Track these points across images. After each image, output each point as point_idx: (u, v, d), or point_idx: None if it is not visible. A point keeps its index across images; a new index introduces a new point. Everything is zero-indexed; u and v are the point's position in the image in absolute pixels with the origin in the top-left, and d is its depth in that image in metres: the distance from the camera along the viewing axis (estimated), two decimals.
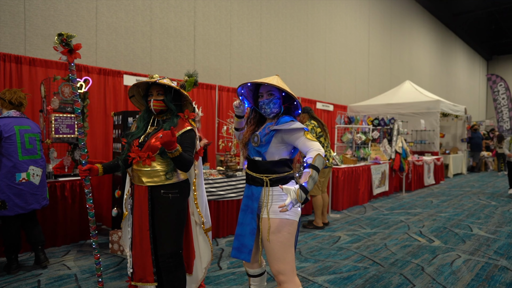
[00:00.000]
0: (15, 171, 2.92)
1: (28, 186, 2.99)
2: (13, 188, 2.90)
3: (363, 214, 5.56)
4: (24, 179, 2.96)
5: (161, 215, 2.03)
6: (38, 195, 3.07)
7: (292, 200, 1.67)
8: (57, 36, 1.83)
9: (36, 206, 3.06)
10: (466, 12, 17.00)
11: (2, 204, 2.83)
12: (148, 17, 6.32)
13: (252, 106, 2.16)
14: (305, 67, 9.74)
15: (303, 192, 1.70)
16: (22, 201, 2.94)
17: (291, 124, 1.91)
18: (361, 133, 6.75)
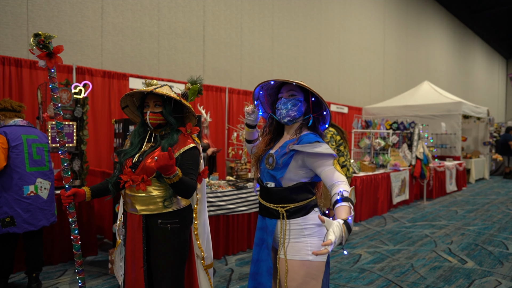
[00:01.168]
0: (23, 183, 2.64)
1: (37, 201, 2.72)
2: (21, 202, 2.62)
3: (384, 227, 5.17)
4: (32, 192, 2.69)
5: (158, 250, 1.71)
6: (47, 210, 2.79)
7: (336, 238, 1.20)
8: (33, 37, 1.53)
9: (45, 223, 2.78)
10: (485, 9, 16.34)
11: (11, 220, 2.56)
12: (155, 17, 6.05)
13: (269, 113, 1.81)
14: (318, 68, 9.36)
15: (347, 229, 1.27)
16: (31, 217, 2.66)
17: (317, 146, 1.54)
18: (380, 138, 6.35)
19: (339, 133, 4.13)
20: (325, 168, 1.52)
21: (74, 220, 1.75)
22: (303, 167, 1.60)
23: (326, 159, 1.54)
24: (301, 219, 1.60)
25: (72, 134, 3.39)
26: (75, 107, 3.46)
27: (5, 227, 2.56)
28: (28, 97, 4.34)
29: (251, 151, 1.91)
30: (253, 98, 1.81)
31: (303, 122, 1.69)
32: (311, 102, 1.68)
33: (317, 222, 1.61)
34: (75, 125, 3.41)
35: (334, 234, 1.20)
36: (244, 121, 1.89)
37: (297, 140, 1.61)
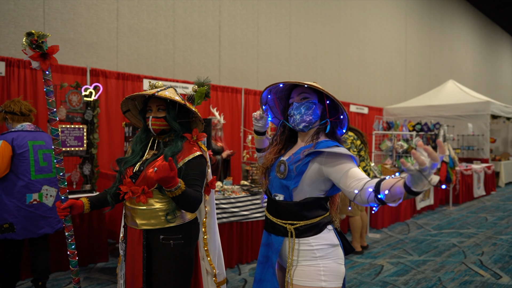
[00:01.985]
0: (26, 191, 2.58)
1: (39, 209, 2.65)
2: (22, 210, 2.56)
3: (407, 234, 4.89)
4: (35, 201, 2.62)
5: (160, 268, 1.55)
6: (51, 218, 2.72)
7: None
8: (25, 37, 1.41)
9: (48, 231, 2.70)
10: None
11: (10, 227, 2.51)
12: (171, 17, 5.97)
13: (280, 119, 1.63)
14: (337, 67, 9.10)
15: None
16: (32, 224, 2.60)
17: (336, 148, 1.36)
18: (403, 140, 6.05)
19: (359, 137, 3.91)
20: (348, 168, 1.32)
21: (71, 234, 1.63)
22: (320, 175, 1.40)
23: (348, 161, 1.34)
24: (312, 239, 1.41)
25: (82, 138, 3.31)
26: (86, 110, 3.39)
27: (2, 233, 2.51)
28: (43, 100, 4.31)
29: (261, 160, 1.74)
30: (261, 103, 1.63)
31: (320, 127, 1.50)
32: (327, 105, 1.49)
33: (330, 242, 1.43)
34: (85, 128, 3.33)
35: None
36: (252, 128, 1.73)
37: (313, 147, 1.43)
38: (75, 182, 3.32)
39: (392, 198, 1.09)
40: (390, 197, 1.10)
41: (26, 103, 2.75)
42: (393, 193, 1.08)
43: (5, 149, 2.48)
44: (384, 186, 1.12)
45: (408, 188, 1.01)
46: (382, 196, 1.12)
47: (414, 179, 0.97)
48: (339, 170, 1.34)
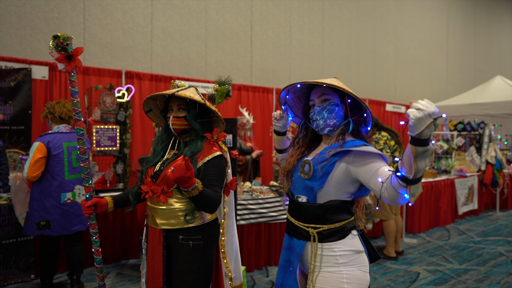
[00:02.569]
0: (61, 190, 2.73)
1: (73, 207, 2.78)
2: (58, 208, 2.71)
3: (447, 241, 4.61)
4: (69, 199, 2.76)
5: (179, 268, 1.55)
6: (83, 215, 2.84)
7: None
8: (52, 39, 1.45)
9: (81, 228, 2.83)
10: None
11: (46, 224, 2.66)
12: (203, 19, 6.06)
13: (302, 119, 1.56)
14: (373, 65, 8.80)
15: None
16: (66, 221, 2.74)
17: (364, 147, 1.29)
18: (442, 140, 5.72)
19: (393, 137, 3.73)
20: (379, 167, 1.24)
21: (95, 231, 1.66)
22: (347, 177, 1.33)
23: (377, 160, 1.27)
24: (336, 244, 1.34)
25: (115, 138, 3.42)
26: (119, 110, 3.49)
27: (39, 229, 2.65)
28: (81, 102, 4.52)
29: (283, 162, 1.68)
30: (280, 103, 1.58)
31: (344, 128, 1.42)
32: (348, 104, 1.41)
33: (355, 248, 1.35)
34: (118, 128, 3.44)
35: None
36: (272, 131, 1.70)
37: (340, 146, 1.36)
38: (108, 181, 3.44)
39: (407, 164, 1.05)
40: (407, 165, 1.06)
41: (69, 109, 2.85)
42: (405, 159, 1.06)
43: (40, 150, 2.62)
44: (399, 163, 1.11)
45: (412, 139, 1.00)
46: (401, 173, 1.09)
47: (413, 122, 0.97)
48: (369, 170, 1.26)
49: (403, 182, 1.08)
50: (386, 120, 8.24)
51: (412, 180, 1.06)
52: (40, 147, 2.63)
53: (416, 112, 0.96)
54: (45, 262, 2.78)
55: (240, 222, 3.28)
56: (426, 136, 0.98)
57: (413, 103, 0.98)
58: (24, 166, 2.63)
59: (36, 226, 2.66)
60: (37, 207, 2.68)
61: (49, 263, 2.79)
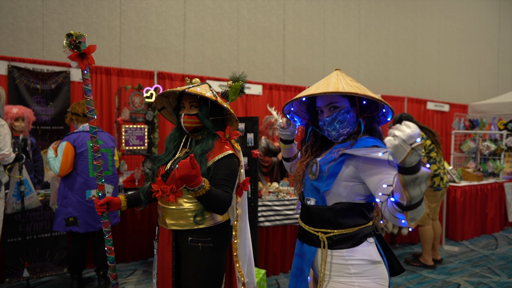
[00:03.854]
0: (86, 188, 2.83)
1: None
2: (83, 205, 2.81)
3: (494, 250, 4.23)
4: (94, 197, 2.85)
5: (188, 271, 1.51)
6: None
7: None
8: (65, 38, 1.47)
9: None
10: None
11: (74, 220, 2.77)
12: (235, 19, 6.06)
13: (310, 126, 1.42)
14: (413, 62, 8.35)
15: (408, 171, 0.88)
16: (92, 218, 2.84)
17: (374, 150, 1.14)
18: (489, 140, 5.27)
19: (430, 136, 3.48)
20: (383, 179, 1.09)
21: (108, 230, 1.66)
22: (357, 180, 1.21)
23: (386, 168, 1.12)
24: (347, 252, 1.23)
25: (143, 137, 3.48)
26: (147, 110, 3.56)
27: (68, 226, 2.74)
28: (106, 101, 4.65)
29: (290, 170, 1.56)
30: (284, 114, 1.46)
31: (357, 129, 1.31)
32: (359, 104, 1.30)
33: (369, 257, 1.22)
34: (146, 128, 3.50)
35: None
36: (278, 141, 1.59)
37: (351, 145, 1.24)
38: (137, 179, 3.51)
39: (399, 192, 0.92)
40: (399, 193, 0.93)
41: None
42: (396, 185, 0.93)
43: (68, 149, 2.72)
44: (394, 187, 0.98)
45: (397, 167, 0.89)
46: (395, 199, 0.96)
47: (392, 150, 0.85)
48: (374, 181, 1.14)
49: (399, 208, 0.96)
50: (427, 119, 7.78)
51: (408, 207, 0.94)
52: (68, 146, 2.74)
53: (392, 140, 0.85)
54: (74, 257, 2.89)
55: (265, 223, 3.21)
56: (410, 164, 0.86)
57: (390, 130, 0.87)
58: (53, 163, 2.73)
59: (65, 222, 2.77)
60: (66, 203, 2.79)
61: (77, 258, 2.89)
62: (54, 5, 4.61)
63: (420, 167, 0.88)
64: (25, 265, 2.86)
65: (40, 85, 4.01)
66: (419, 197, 0.91)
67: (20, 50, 4.35)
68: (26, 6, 4.45)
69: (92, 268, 3.42)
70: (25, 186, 2.83)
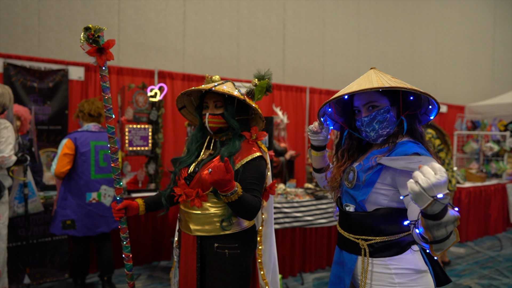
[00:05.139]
0: (86, 190, 2.71)
1: (98, 208, 2.75)
2: (82, 207, 2.70)
3: (499, 251, 4.22)
4: (94, 199, 2.73)
5: (214, 279, 1.42)
6: (108, 217, 2.81)
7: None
8: (83, 32, 1.37)
9: (105, 229, 2.80)
10: None
11: (71, 224, 2.65)
12: (235, 18, 5.97)
13: (346, 129, 1.33)
14: (411, 62, 8.36)
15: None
16: (91, 222, 2.72)
17: (414, 160, 1.05)
18: (492, 142, 5.28)
19: (439, 135, 3.43)
20: None
21: (126, 236, 1.55)
22: (393, 187, 1.14)
23: None
24: (391, 260, 1.16)
25: (147, 138, 3.37)
26: (151, 110, 3.45)
27: (65, 229, 2.64)
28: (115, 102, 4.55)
29: (323, 181, 1.45)
30: (319, 116, 1.36)
31: (397, 129, 1.24)
32: (402, 102, 1.21)
33: (415, 266, 1.15)
34: (150, 128, 3.39)
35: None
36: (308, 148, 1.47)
37: (390, 150, 1.17)
38: (140, 181, 3.40)
39: (424, 227, 0.87)
40: (422, 227, 0.88)
41: (98, 106, 2.85)
42: (419, 222, 0.89)
43: (68, 147, 2.61)
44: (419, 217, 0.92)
45: (420, 211, 0.84)
46: (420, 231, 0.91)
47: (412, 196, 0.81)
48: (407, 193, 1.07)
49: (423, 240, 0.91)
50: None
51: (433, 242, 0.89)
52: (68, 144, 2.62)
53: (413, 185, 0.80)
54: (76, 262, 2.77)
55: (274, 226, 3.13)
56: (433, 212, 0.80)
57: (415, 172, 0.81)
58: (52, 162, 2.63)
59: (62, 225, 2.65)
60: (64, 205, 2.67)
61: (80, 263, 2.77)
62: (50, 2, 4.47)
63: (446, 213, 0.82)
64: (26, 271, 2.73)
65: (37, 84, 3.87)
66: (444, 236, 0.86)
67: (15, 47, 4.21)
68: (21, 2, 4.30)
69: (95, 273, 3.30)
70: (29, 189, 2.70)
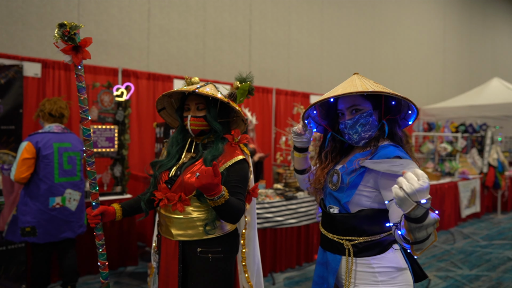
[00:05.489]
0: (49, 194, 2.53)
1: (62, 213, 2.59)
2: (45, 213, 2.52)
3: (453, 245, 4.52)
4: (58, 204, 2.57)
5: (197, 284, 1.39)
6: (73, 222, 2.65)
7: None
8: (57, 28, 1.28)
9: (70, 235, 2.64)
10: None
11: (31, 231, 2.47)
12: (201, 17, 5.89)
13: (329, 131, 1.37)
14: (371, 66, 8.73)
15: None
16: (54, 228, 2.55)
17: (396, 163, 1.12)
18: (446, 142, 5.64)
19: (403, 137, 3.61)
20: None
21: (101, 243, 1.48)
22: (376, 189, 1.20)
23: None
24: (374, 259, 1.21)
25: (113, 139, 3.24)
26: (117, 110, 3.31)
27: (24, 236, 2.47)
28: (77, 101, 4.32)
29: (305, 183, 1.47)
30: (303, 118, 1.38)
31: (379, 133, 1.28)
32: (384, 107, 1.28)
33: (396, 264, 1.21)
34: (116, 129, 3.25)
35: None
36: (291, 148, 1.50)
37: (371, 154, 1.22)
38: (106, 184, 3.25)
39: (405, 229, 0.95)
40: (404, 229, 0.96)
41: (61, 106, 2.68)
42: (401, 224, 0.98)
43: (28, 150, 2.44)
44: (401, 220, 1.00)
45: (403, 214, 0.92)
46: (402, 232, 0.98)
47: (397, 201, 0.87)
48: (389, 197, 1.13)
49: (405, 241, 0.99)
50: None
51: (414, 243, 0.96)
52: (28, 147, 2.44)
53: (398, 191, 0.86)
54: (36, 271, 2.58)
55: None
56: (416, 216, 0.87)
57: (399, 178, 0.86)
58: (12, 167, 2.44)
59: (21, 232, 2.47)
60: (24, 211, 2.49)
61: (40, 272, 2.59)
62: None
63: (427, 216, 0.88)
64: None
65: None
66: (424, 237, 0.93)
67: None
68: None
69: (56, 282, 3.10)
70: None
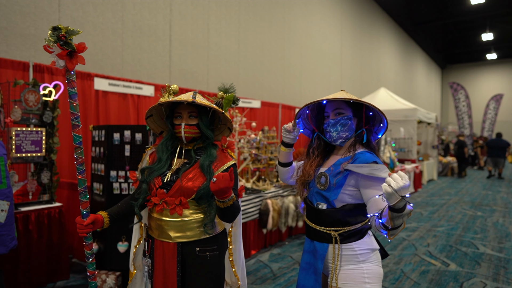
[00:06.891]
0: None
1: None
2: None
3: None
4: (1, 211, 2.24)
5: (196, 281, 1.46)
6: (4, 235, 2.34)
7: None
8: (51, 31, 1.21)
9: (2, 250, 2.33)
10: (426, 22, 17.69)
11: None
12: (119, 12, 5.59)
13: (311, 129, 1.67)
14: (282, 72, 9.38)
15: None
16: None
17: (375, 168, 1.39)
18: None
19: None
20: (376, 195, 1.37)
21: (91, 252, 1.42)
22: (358, 189, 1.47)
23: (378, 186, 1.38)
24: (355, 244, 1.48)
25: (40, 142, 2.93)
26: (44, 110, 3.01)
27: None
28: None
29: (287, 175, 1.72)
30: (296, 117, 1.64)
31: (357, 139, 1.56)
32: (365, 116, 1.56)
33: (371, 246, 1.51)
34: (44, 131, 2.96)
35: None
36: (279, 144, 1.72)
37: (352, 159, 1.49)
38: (31, 192, 2.93)
39: (387, 218, 1.21)
40: (386, 219, 1.22)
41: None
42: (385, 213, 1.23)
43: None
44: (383, 211, 1.26)
45: (388, 206, 1.17)
46: (382, 221, 1.25)
47: (385, 196, 1.12)
48: (368, 195, 1.41)
49: (383, 228, 1.26)
50: None
51: (391, 229, 1.25)
52: None
53: (387, 187, 1.11)
54: None
55: None
56: (399, 207, 1.14)
57: (387, 178, 1.12)
58: None
59: None
60: None
61: None
62: None
63: (406, 207, 1.17)
64: None
65: None
66: (400, 225, 1.23)
67: None
68: None
69: None
70: None
